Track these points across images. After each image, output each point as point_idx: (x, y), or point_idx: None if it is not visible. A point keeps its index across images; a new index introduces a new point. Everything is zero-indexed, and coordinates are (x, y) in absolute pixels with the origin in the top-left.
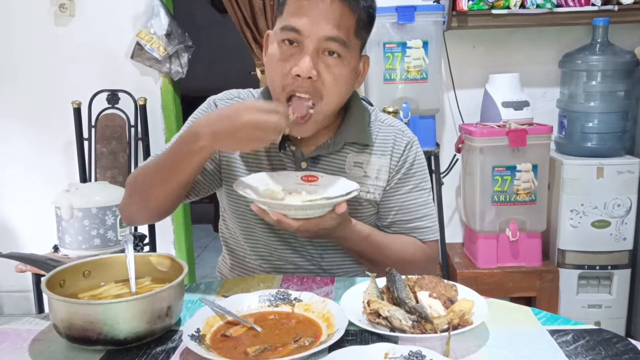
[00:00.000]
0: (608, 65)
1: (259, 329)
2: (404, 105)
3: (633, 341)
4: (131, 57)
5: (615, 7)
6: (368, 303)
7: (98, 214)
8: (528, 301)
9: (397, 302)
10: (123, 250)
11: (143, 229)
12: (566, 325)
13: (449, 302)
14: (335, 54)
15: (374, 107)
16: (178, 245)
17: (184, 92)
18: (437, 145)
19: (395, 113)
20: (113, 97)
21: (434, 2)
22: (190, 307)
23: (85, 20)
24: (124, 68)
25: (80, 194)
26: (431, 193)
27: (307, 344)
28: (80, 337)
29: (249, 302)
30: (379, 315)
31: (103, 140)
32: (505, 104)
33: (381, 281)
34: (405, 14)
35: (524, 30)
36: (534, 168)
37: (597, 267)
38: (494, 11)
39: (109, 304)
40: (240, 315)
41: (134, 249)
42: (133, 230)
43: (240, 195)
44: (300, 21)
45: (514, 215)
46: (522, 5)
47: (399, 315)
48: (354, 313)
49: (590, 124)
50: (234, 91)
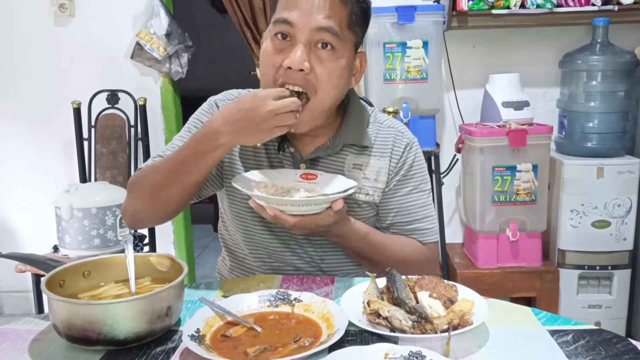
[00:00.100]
0: (608, 65)
1: (259, 329)
2: (404, 105)
3: (633, 341)
4: (131, 57)
5: (616, 7)
6: (368, 303)
7: (98, 214)
8: (528, 301)
9: (397, 303)
10: (123, 251)
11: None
12: (566, 326)
13: (449, 302)
14: (329, 46)
15: (373, 108)
16: (178, 245)
17: (184, 92)
18: (437, 145)
19: (395, 113)
20: (113, 97)
21: (434, 2)
22: (190, 307)
23: (85, 20)
24: (123, 68)
25: (80, 194)
26: (431, 194)
27: (307, 344)
28: (80, 338)
29: (249, 303)
30: (379, 315)
31: (103, 140)
32: (506, 104)
33: (381, 281)
34: (405, 14)
35: (524, 30)
36: (534, 168)
37: (597, 267)
38: (494, 11)
39: (109, 304)
40: (240, 315)
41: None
42: (133, 231)
43: (239, 197)
44: (291, 13)
45: (514, 215)
46: (522, 5)
47: (399, 316)
48: (354, 313)
49: (590, 124)
50: (234, 91)
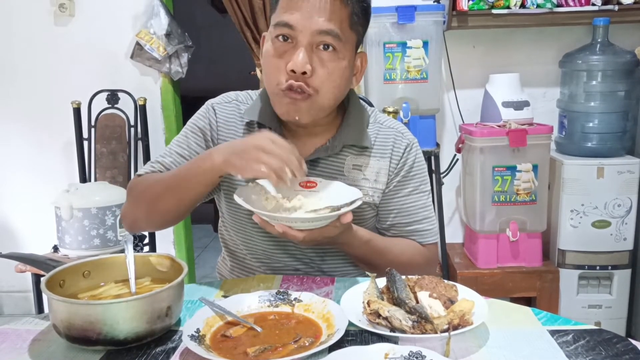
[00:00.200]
0: (608, 65)
1: (259, 329)
2: (404, 105)
3: (633, 341)
4: (131, 57)
5: (616, 7)
6: (368, 303)
7: (98, 214)
8: (528, 301)
9: (397, 303)
10: (123, 251)
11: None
12: (566, 326)
13: (449, 302)
14: (330, 48)
15: (373, 108)
16: (178, 245)
17: (184, 92)
18: (437, 145)
19: (395, 113)
20: (113, 97)
21: (434, 2)
22: (190, 307)
23: (85, 20)
24: (123, 68)
25: (80, 194)
26: (430, 196)
27: (307, 344)
28: (80, 338)
29: (249, 303)
30: (379, 315)
31: (103, 140)
32: (506, 104)
33: (381, 281)
34: (405, 14)
35: (524, 30)
36: (534, 168)
37: (598, 267)
38: (494, 11)
39: (109, 304)
40: (240, 315)
41: (134, 249)
42: None
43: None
44: (292, 16)
45: (514, 215)
46: (522, 5)
47: (399, 316)
48: (354, 313)
49: (590, 124)
50: (231, 93)
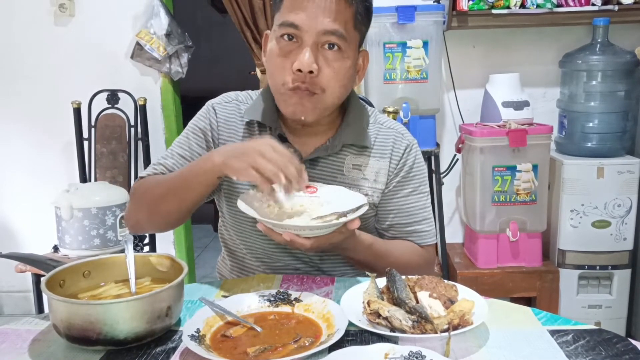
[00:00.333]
0: (608, 65)
1: (259, 329)
2: (404, 105)
3: (633, 341)
4: (131, 57)
5: (616, 7)
6: (368, 303)
7: (98, 214)
8: (528, 301)
9: (397, 302)
10: (123, 251)
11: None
12: (566, 326)
13: (449, 302)
14: (335, 47)
15: (373, 109)
16: (178, 245)
17: (184, 92)
18: (437, 145)
19: (395, 113)
20: (113, 97)
21: (434, 2)
22: (190, 307)
23: (85, 20)
24: (123, 68)
25: (80, 194)
26: (429, 197)
27: (307, 344)
28: (80, 337)
29: (249, 302)
30: (379, 315)
31: (103, 140)
32: (506, 104)
33: (381, 281)
34: (405, 14)
35: (524, 30)
36: (534, 168)
37: (597, 267)
38: (494, 11)
39: (109, 304)
40: (240, 315)
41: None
42: None
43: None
44: (298, 16)
45: (514, 215)
46: (522, 5)
47: (399, 316)
48: (354, 313)
49: (590, 124)
50: (231, 94)
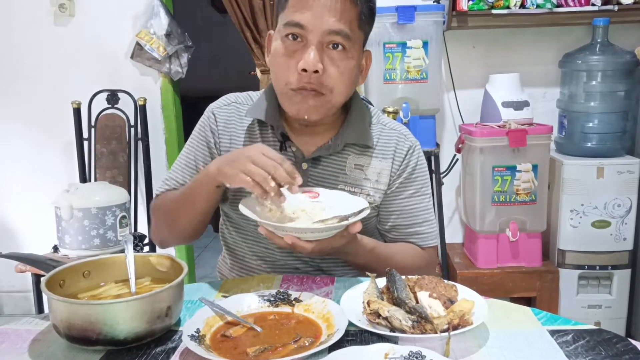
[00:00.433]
0: (608, 65)
1: (258, 329)
2: (404, 105)
3: (633, 341)
4: (131, 57)
5: (615, 7)
6: (368, 303)
7: (98, 214)
8: (528, 301)
9: (397, 302)
10: (123, 251)
11: (143, 229)
12: (566, 326)
13: (449, 303)
14: (340, 47)
15: (376, 110)
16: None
17: (184, 92)
18: (437, 145)
19: (395, 113)
20: (113, 97)
21: (434, 2)
22: (190, 307)
23: (85, 20)
24: (123, 68)
25: (80, 194)
26: (432, 199)
27: (307, 344)
28: (80, 337)
29: (249, 302)
30: (379, 315)
31: (103, 140)
32: (505, 104)
33: (381, 281)
34: (405, 14)
35: (524, 30)
36: (534, 168)
37: (597, 267)
38: (494, 11)
39: (109, 304)
40: (240, 315)
41: (134, 249)
42: (133, 231)
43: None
44: (303, 16)
45: (514, 215)
46: (522, 5)
47: (399, 316)
48: (354, 313)
49: (590, 124)
50: (231, 96)
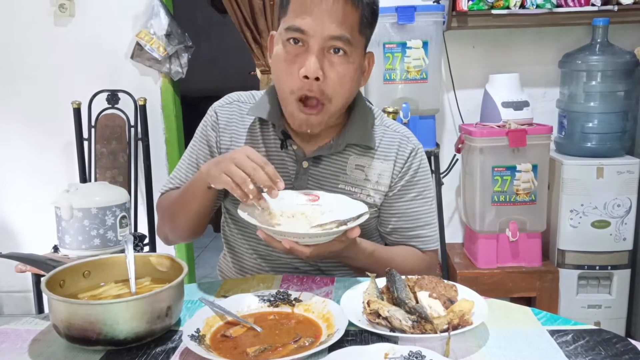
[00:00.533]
0: (608, 65)
1: (258, 329)
2: (403, 105)
3: (633, 341)
4: (131, 57)
5: (615, 7)
6: (368, 303)
7: (98, 214)
8: (528, 301)
9: (397, 302)
10: (123, 251)
11: (143, 229)
12: (566, 326)
13: (448, 303)
14: (341, 52)
15: (379, 111)
16: (178, 245)
17: (184, 92)
18: (437, 145)
19: (395, 113)
20: (113, 97)
21: (434, 2)
22: (190, 307)
23: (85, 20)
24: (123, 68)
25: (80, 194)
26: (434, 202)
27: (307, 344)
28: (80, 337)
29: (249, 302)
30: (378, 315)
31: (103, 140)
32: (505, 104)
33: (381, 281)
34: (405, 14)
35: (524, 30)
36: (534, 168)
37: (597, 267)
38: (494, 11)
39: (109, 304)
40: (240, 315)
41: (134, 249)
42: (133, 231)
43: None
44: (304, 21)
45: (514, 215)
46: (522, 6)
47: (398, 316)
48: (354, 313)
49: (590, 124)
50: (234, 94)
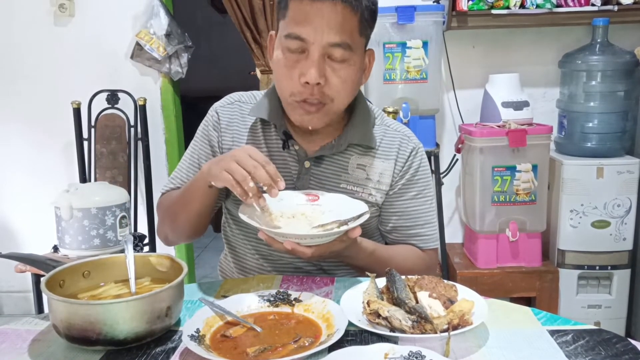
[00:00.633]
0: (608, 65)
1: (258, 329)
2: (403, 105)
3: (633, 341)
4: (131, 57)
5: (615, 7)
6: (368, 303)
7: (98, 214)
8: (528, 301)
9: (397, 302)
10: (123, 251)
11: (143, 229)
12: (566, 326)
13: (448, 303)
14: (342, 56)
15: (380, 110)
16: (177, 245)
17: (184, 92)
18: (437, 145)
19: (395, 113)
20: (113, 97)
21: (433, 2)
22: (190, 307)
23: (85, 20)
24: (123, 68)
25: (80, 194)
26: (434, 201)
27: (307, 344)
28: (79, 338)
29: (249, 302)
30: (378, 315)
31: (103, 140)
32: (505, 104)
33: (381, 281)
34: (405, 14)
35: (524, 30)
36: (534, 168)
37: (597, 267)
38: (494, 11)
39: (109, 304)
40: (240, 315)
41: (134, 249)
42: (133, 231)
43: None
44: (304, 29)
45: (514, 215)
46: (522, 5)
47: (398, 316)
48: (354, 313)
49: (590, 124)
50: (235, 95)
